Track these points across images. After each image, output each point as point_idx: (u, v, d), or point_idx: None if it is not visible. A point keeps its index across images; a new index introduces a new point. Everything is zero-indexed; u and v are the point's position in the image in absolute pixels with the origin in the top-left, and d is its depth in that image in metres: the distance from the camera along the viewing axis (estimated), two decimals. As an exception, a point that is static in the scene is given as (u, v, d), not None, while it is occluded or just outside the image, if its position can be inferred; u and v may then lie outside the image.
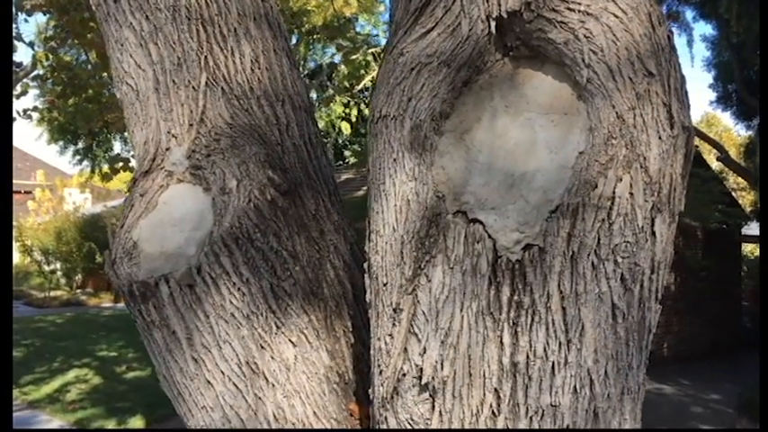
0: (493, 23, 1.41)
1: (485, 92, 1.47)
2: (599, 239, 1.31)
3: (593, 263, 1.31)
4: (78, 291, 22.12)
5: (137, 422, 8.15)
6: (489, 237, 1.36)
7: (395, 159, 1.45)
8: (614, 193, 1.30)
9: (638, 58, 1.31)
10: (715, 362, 13.39)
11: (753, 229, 17.79)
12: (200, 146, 1.79)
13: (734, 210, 12.81)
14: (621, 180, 1.30)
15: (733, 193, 17.35)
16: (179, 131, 1.84)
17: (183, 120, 1.84)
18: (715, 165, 16.50)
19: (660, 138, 1.32)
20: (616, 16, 1.32)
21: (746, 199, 20.75)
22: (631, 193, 1.31)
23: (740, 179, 17.19)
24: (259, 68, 1.93)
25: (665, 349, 13.72)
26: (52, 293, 20.90)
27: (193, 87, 1.85)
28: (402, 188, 1.44)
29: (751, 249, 24.16)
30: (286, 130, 1.91)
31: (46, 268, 22.33)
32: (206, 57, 1.88)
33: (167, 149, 1.84)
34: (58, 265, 22.79)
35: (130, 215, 1.80)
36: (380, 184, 1.49)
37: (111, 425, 8.07)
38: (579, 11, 1.34)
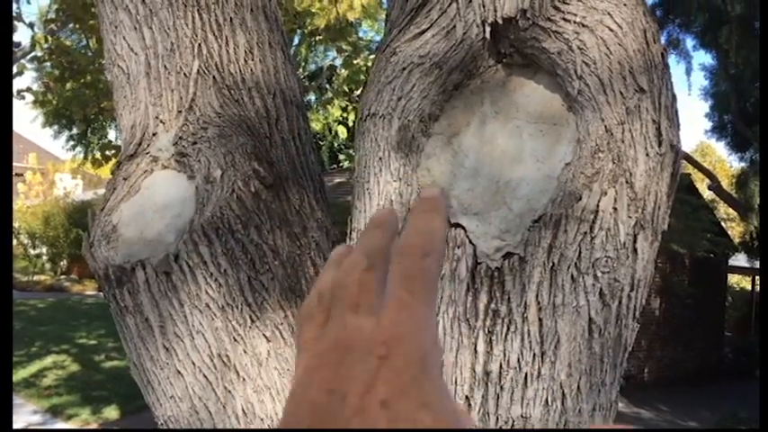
0: (488, 29, 1.40)
1: (475, 96, 1.46)
2: (580, 252, 1.30)
3: (572, 276, 1.30)
4: (63, 277, 21.97)
5: (112, 412, 8.08)
6: (470, 242, 1.35)
7: (380, 158, 1.44)
8: (598, 206, 1.29)
9: (631, 73, 1.31)
10: (695, 390, 13.41)
11: (740, 260, 17.86)
12: (188, 133, 1.77)
13: (722, 240, 12.85)
14: (606, 194, 1.29)
15: (723, 224, 17.42)
16: (167, 117, 1.82)
17: (172, 106, 1.82)
18: (707, 194, 16.56)
19: (647, 154, 1.31)
20: (611, 30, 1.32)
21: (735, 230, 20.85)
22: (615, 208, 1.30)
23: (730, 210, 17.27)
24: (252, 60, 1.92)
25: (645, 374, 13.74)
26: (36, 278, 20.76)
27: (185, 74, 1.84)
28: (386, 188, 1.43)
29: (737, 280, 24.28)
30: (275, 124, 1.89)
31: (32, 252, 22.18)
32: (200, 44, 1.86)
33: (154, 135, 1.83)
34: (44, 250, 22.65)
35: (112, 198, 1.78)
36: (365, 183, 1.48)
37: (85, 413, 7.99)
38: (575, 22, 1.33)
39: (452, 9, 1.41)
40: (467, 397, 1.33)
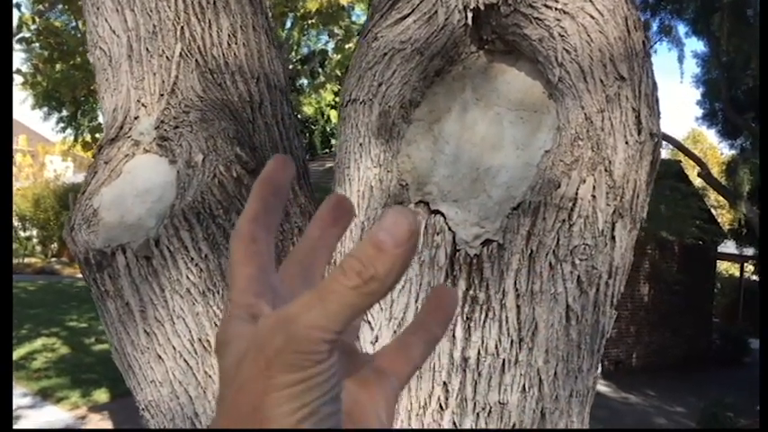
0: (470, 14, 1.39)
1: (457, 83, 1.45)
2: (558, 240, 1.30)
3: (550, 263, 1.31)
4: (53, 259, 21.91)
5: (101, 395, 8.09)
6: (449, 229, 1.35)
7: (361, 144, 1.44)
8: (577, 194, 1.29)
9: (611, 60, 1.31)
10: (683, 375, 13.53)
11: (729, 247, 17.97)
12: (169, 117, 1.76)
13: (711, 227, 12.91)
14: (585, 182, 1.29)
15: (713, 211, 17.51)
16: (149, 101, 1.81)
17: (154, 89, 1.81)
18: (697, 182, 16.62)
19: (627, 142, 1.31)
20: (592, 17, 1.31)
21: (725, 217, 20.97)
22: (594, 196, 1.30)
23: (721, 197, 17.34)
24: (236, 43, 1.90)
25: (634, 359, 13.85)
26: (26, 260, 20.70)
27: (167, 57, 1.82)
28: (366, 174, 1.43)
29: (726, 267, 24.44)
30: (258, 108, 1.88)
31: (22, 234, 22.10)
32: (182, 27, 1.84)
33: (136, 118, 1.81)
34: (35, 232, 22.57)
35: (93, 182, 1.76)
36: (345, 168, 1.47)
37: (75, 396, 8.00)
38: (556, 8, 1.32)
39: (434, -6, 1.41)
40: (444, 383, 1.34)
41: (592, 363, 1.41)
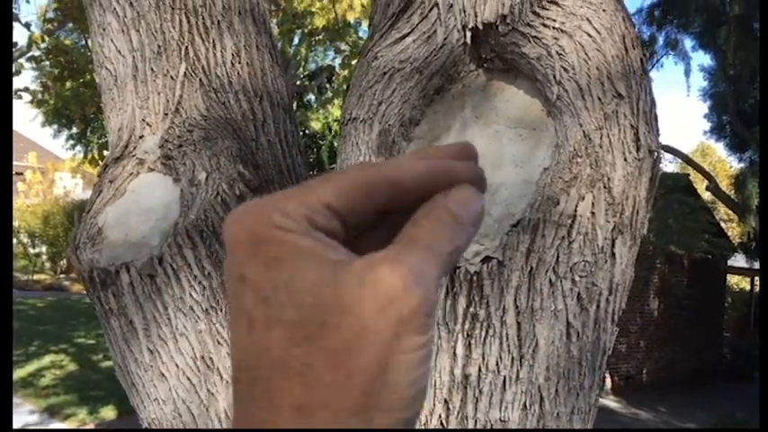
0: (468, 34, 1.40)
1: (456, 101, 1.46)
2: (558, 257, 1.31)
3: (550, 280, 1.31)
4: (62, 276, 21.99)
5: (109, 412, 8.10)
6: (449, 247, 1.35)
7: (362, 163, 1.45)
8: (576, 211, 1.30)
9: (609, 78, 1.31)
10: (693, 391, 13.42)
11: (739, 261, 17.87)
12: (173, 136, 1.78)
13: (721, 241, 12.87)
14: (584, 199, 1.30)
15: (722, 224, 17.43)
16: (154, 120, 1.83)
17: (159, 108, 1.83)
18: (706, 195, 16.57)
19: (625, 159, 1.32)
20: (590, 35, 1.32)
21: (735, 230, 20.85)
22: (593, 213, 1.31)
23: (730, 211, 17.26)
24: (240, 63, 1.92)
25: (644, 375, 13.76)
26: (35, 277, 20.79)
27: (171, 77, 1.84)
28: (367, 192, 1.44)
29: (736, 281, 24.28)
30: (262, 127, 1.90)
31: (31, 251, 22.21)
32: (187, 47, 1.87)
33: (141, 137, 1.83)
34: (44, 249, 22.68)
35: (98, 200, 1.78)
36: (346, 187, 1.48)
37: (82, 413, 8.02)
38: (554, 27, 1.34)
39: (433, 14, 1.42)
40: (445, 400, 1.34)
41: (594, 380, 1.41)
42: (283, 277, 0.33)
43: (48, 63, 9.09)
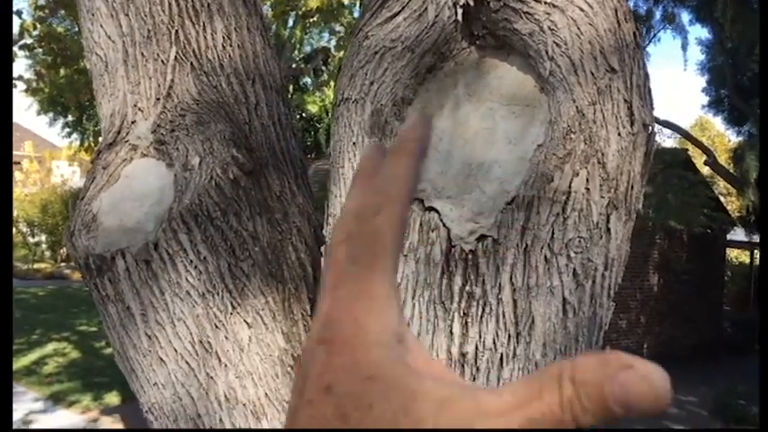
0: (460, 11, 1.39)
1: (449, 79, 1.45)
2: (553, 233, 1.30)
3: (545, 256, 1.31)
4: (62, 264, 22.00)
5: (113, 398, 8.14)
6: (444, 226, 1.35)
7: (354, 143, 1.44)
8: (570, 187, 1.29)
9: (602, 53, 1.30)
10: (694, 364, 13.48)
11: (738, 234, 17.88)
12: (166, 121, 1.77)
13: (719, 215, 12.86)
14: (578, 175, 1.29)
15: (721, 199, 17.42)
16: (145, 105, 1.82)
17: (151, 93, 1.82)
18: (705, 170, 16.55)
19: (619, 134, 1.31)
20: (581, 10, 1.31)
21: (734, 204, 20.87)
22: (587, 189, 1.30)
23: (729, 185, 17.25)
24: (231, 45, 1.91)
25: (644, 350, 13.81)
26: (36, 266, 20.80)
27: (162, 61, 1.83)
28: (360, 173, 1.43)
29: (736, 255, 24.32)
30: (255, 110, 1.89)
31: (30, 240, 22.21)
32: (177, 31, 1.85)
33: (133, 123, 1.82)
34: (43, 238, 22.68)
35: (92, 187, 1.78)
36: (339, 168, 1.48)
37: (86, 399, 8.06)
38: (545, 2, 1.32)
39: (424, -9, 1.41)
40: (443, 379, 1.34)
41: (590, 355, 1.41)
42: (368, 400, 0.33)
43: (40, 51, 9.03)
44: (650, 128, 1.36)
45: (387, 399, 0.32)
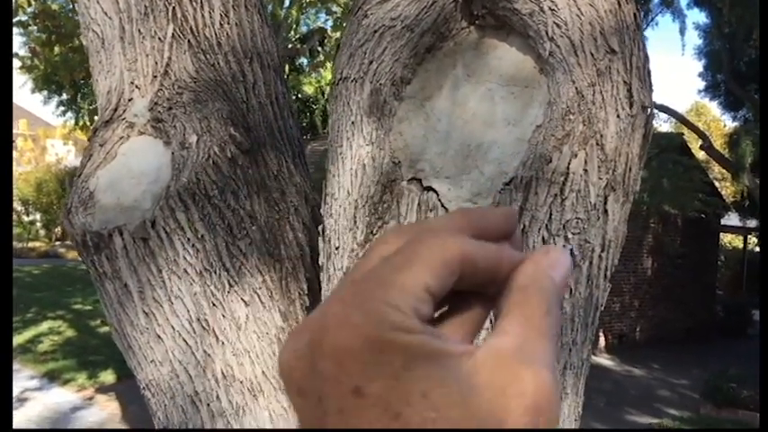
0: (459, -10, 1.38)
1: (448, 59, 1.45)
2: (551, 214, 1.31)
3: (543, 237, 1.31)
4: (57, 243, 21.99)
5: (108, 376, 8.17)
6: (442, 206, 1.35)
7: (353, 122, 1.44)
8: (568, 168, 1.29)
9: (602, 34, 1.30)
10: (686, 348, 13.59)
11: (732, 219, 17.96)
12: (163, 98, 1.76)
13: (714, 200, 12.89)
14: (576, 156, 1.29)
15: (716, 183, 17.46)
16: (142, 82, 1.81)
17: (148, 71, 1.81)
18: (700, 154, 16.56)
19: (618, 116, 1.31)
20: (582, -10, 1.31)
21: (728, 189, 20.92)
22: (585, 170, 1.30)
23: (724, 170, 17.28)
24: (228, 23, 1.90)
25: (637, 333, 13.91)
26: (30, 244, 20.79)
27: (159, 38, 1.82)
28: (359, 152, 1.43)
29: (729, 239, 24.43)
30: (252, 88, 1.88)
31: (25, 219, 22.17)
32: (174, 8, 1.84)
33: (130, 100, 1.81)
34: (38, 216, 22.64)
35: (89, 165, 1.77)
36: (338, 147, 1.48)
37: (82, 377, 8.09)
38: (546, -18, 1.31)
39: (424, -30, 1.40)
40: (439, 358, 1.35)
41: (586, 335, 1.42)
42: (419, 389, 0.30)
43: (35, 28, 8.96)
44: (649, 110, 1.36)
45: (437, 381, 0.30)
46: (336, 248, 1.47)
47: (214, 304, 1.64)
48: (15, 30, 8.87)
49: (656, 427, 8.20)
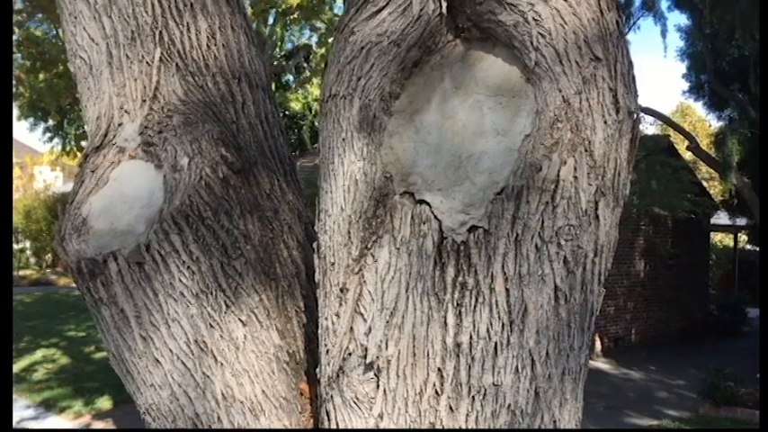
0: (444, 3, 1.40)
1: (435, 72, 1.46)
2: (543, 222, 1.32)
3: (536, 245, 1.33)
4: (48, 270, 21.85)
5: (104, 402, 8.10)
6: (435, 218, 1.36)
7: (344, 139, 1.45)
8: (558, 176, 1.31)
9: (586, 42, 1.32)
10: (682, 348, 13.62)
11: (722, 218, 18.05)
12: (153, 122, 1.77)
13: (703, 200, 12.97)
14: (566, 163, 1.31)
15: (704, 183, 17.57)
16: (132, 107, 1.82)
17: (136, 95, 1.82)
18: (687, 155, 16.67)
19: (605, 122, 1.33)
20: (564, 0, 1.33)
21: (716, 189, 21.04)
22: (575, 177, 1.32)
23: (711, 169, 17.39)
24: (215, 45, 1.91)
25: (633, 335, 13.93)
26: (21, 272, 20.64)
27: (147, 62, 1.83)
28: (350, 168, 1.44)
29: (720, 238, 24.56)
30: (242, 109, 1.89)
31: (15, 247, 22.03)
32: (161, 31, 1.85)
33: (120, 125, 1.82)
34: (28, 244, 22.51)
35: (81, 191, 1.77)
36: (330, 164, 1.49)
37: (78, 405, 8.01)
38: (528, -7, 1.33)
39: (408, -14, 1.41)
40: (439, 369, 1.36)
41: (583, 340, 1.43)
42: None
43: (19, 55, 8.96)
44: (635, 115, 1.38)
45: None
46: (332, 264, 1.48)
47: (211, 325, 1.64)
48: None
49: (656, 428, 8.20)
